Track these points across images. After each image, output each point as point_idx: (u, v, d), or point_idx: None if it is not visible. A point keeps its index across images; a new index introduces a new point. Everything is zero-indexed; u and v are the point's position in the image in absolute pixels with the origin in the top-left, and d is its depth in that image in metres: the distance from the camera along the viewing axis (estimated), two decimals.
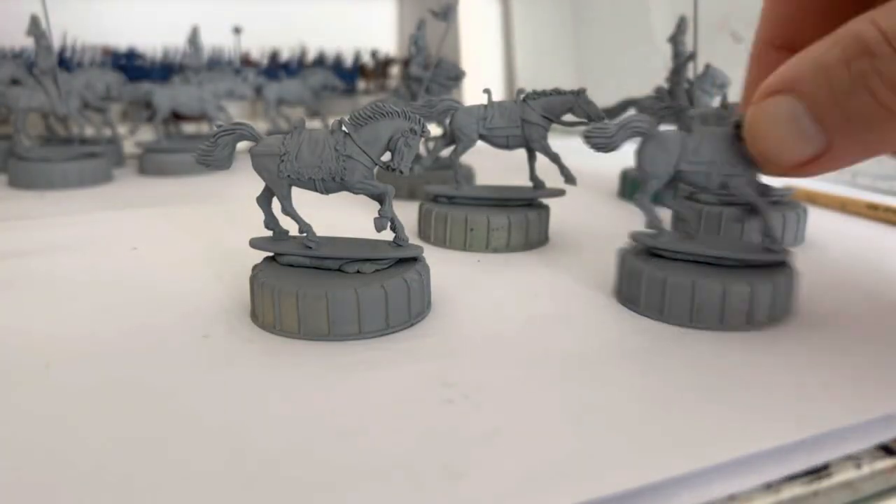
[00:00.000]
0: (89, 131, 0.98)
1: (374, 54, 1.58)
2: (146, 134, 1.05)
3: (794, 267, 0.44)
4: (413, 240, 0.48)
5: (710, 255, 0.43)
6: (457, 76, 0.83)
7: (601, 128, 0.45)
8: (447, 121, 0.61)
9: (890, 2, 0.29)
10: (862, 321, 0.43)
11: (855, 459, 0.30)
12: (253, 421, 0.31)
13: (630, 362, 0.37)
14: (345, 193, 0.43)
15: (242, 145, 0.45)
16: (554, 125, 0.59)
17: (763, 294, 0.40)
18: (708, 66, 0.79)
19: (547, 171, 0.60)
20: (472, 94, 1.29)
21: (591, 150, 0.46)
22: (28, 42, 0.90)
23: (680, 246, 0.44)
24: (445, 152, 0.65)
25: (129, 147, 1.02)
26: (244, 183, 0.47)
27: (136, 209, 0.72)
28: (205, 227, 0.65)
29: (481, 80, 0.90)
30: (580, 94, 0.58)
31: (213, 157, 0.43)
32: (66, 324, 0.42)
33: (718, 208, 0.59)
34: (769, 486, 0.28)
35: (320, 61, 1.52)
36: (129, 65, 1.28)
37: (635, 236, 0.47)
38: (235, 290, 0.47)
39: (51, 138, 1.02)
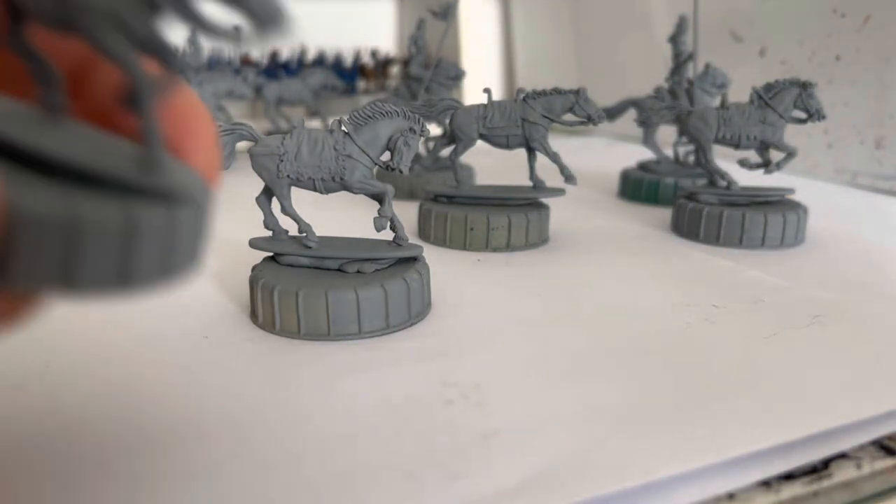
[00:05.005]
0: None
1: (374, 54, 1.58)
2: None
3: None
4: (413, 239, 0.48)
5: None
6: (457, 76, 0.83)
7: None
8: (447, 121, 0.61)
9: None
10: (862, 320, 0.43)
11: (855, 459, 0.30)
12: (252, 421, 0.31)
13: (630, 361, 0.37)
14: (345, 193, 0.43)
15: (242, 145, 0.44)
16: (554, 125, 0.59)
17: None
18: (708, 66, 0.79)
19: (547, 170, 0.60)
20: (472, 94, 1.29)
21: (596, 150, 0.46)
22: None
23: None
24: (445, 152, 0.65)
25: None
26: (244, 183, 0.47)
27: None
28: None
29: (481, 80, 0.90)
30: (580, 93, 0.58)
31: None
32: (66, 324, 0.42)
33: (719, 208, 0.59)
34: (769, 486, 0.28)
35: (320, 61, 1.51)
36: None
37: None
38: (235, 290, 0.47)
39: None
